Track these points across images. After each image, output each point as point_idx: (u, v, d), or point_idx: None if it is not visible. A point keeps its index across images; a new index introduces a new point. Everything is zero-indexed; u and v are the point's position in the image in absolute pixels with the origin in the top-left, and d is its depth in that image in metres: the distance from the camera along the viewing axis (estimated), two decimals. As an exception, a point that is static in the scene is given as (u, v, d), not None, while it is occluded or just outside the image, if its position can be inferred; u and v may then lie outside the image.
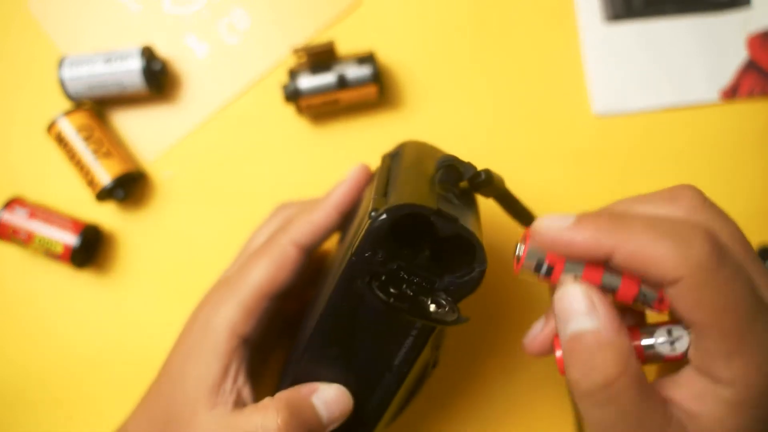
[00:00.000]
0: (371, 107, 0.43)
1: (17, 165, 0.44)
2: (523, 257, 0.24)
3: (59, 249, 0.40)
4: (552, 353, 0.27)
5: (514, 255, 0.25)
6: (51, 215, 0.41)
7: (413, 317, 0.26)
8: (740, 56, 0.42)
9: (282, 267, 0.30)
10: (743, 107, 0.42)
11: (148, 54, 0.41)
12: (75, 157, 0.41)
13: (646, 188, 0.26)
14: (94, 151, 0.41)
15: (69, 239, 0.40)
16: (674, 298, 0.21)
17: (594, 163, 0.43)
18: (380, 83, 0.40)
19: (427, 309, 0.26)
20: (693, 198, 0.24)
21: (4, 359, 0.43)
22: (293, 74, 0.40)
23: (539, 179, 0.42)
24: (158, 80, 0.42)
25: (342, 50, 0.42)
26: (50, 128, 0.41)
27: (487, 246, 0.26)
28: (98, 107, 0.43)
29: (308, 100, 0.40)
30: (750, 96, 0.42)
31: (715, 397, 0.21)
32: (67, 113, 0.41)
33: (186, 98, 0.44)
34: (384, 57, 0.43)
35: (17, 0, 0.44)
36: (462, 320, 0.26)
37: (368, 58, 0.40)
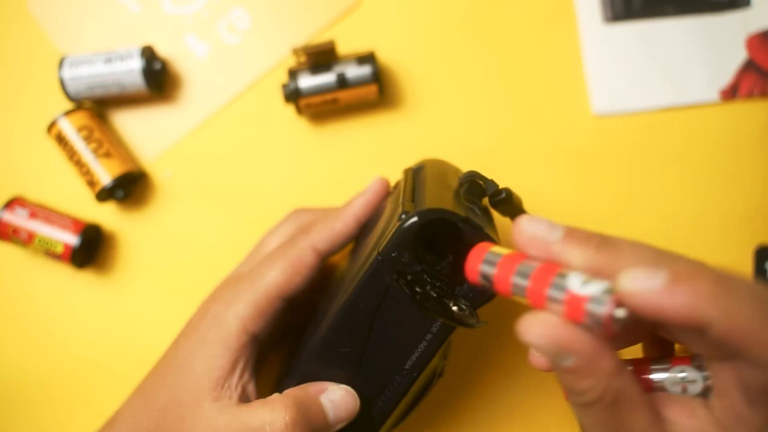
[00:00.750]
0: (371, 107, 0.43)
1: (17, 165, 0.44)
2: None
3: (60, 249, 0.40)
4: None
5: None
6: (51, 215, 0.41)
7: (437, 315, 0.27)
8: (740, 56, 0.42)
9: (298, 270, 0.30)
10: (743, 107, 0.42)
11: (148, 54, 0.42)
12: (75, 157, 0.41)
13: (646, 188, 0.27)
14: (94, 151, 0.41)
15: (69, 239, 0.40)
16: (713, 336, 0.19)
17: (594, 163, 0.43)
18: (380, 83, 0.40)
19: (450, 309, 0.26)
20: (706, 286, 0.20)
21: (4, 359, 0.43)
22: (293, 74, 0.40)
23: (539, 179, 0.42)
24: (158, 80, 0.42)
25: (342, 50, 0.42)
26: (50, 128, 0.41)
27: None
28: (98, 107, 0.43)
29: (308, 100, 0.40)
30: (749, 96, 0.42)
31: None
32: (68, 113, 0.41)
33: (186, 98, 0.44)
34: (384, 57, 0.43)
35: (17, 0, 0.44)
36: (481, 323, 0.27)
37: (368, 58, 0.40)
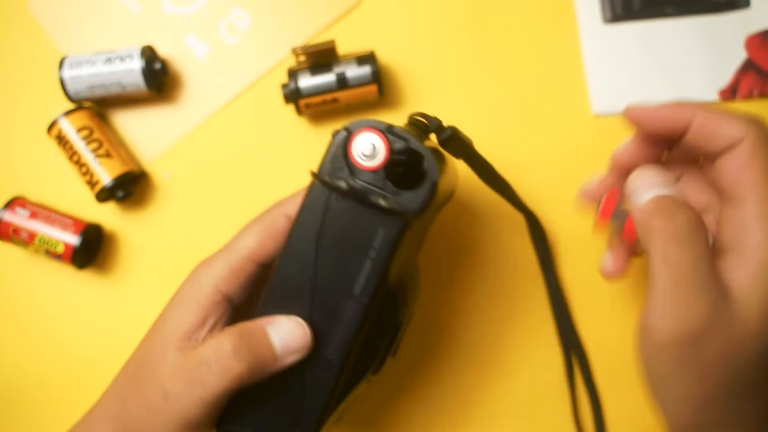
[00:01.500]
0: (371, 107, 0.43)
1: (18, 165, 0.44)
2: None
3: (60, 249, 0.40)
4: (598, 204, 0.32)
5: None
6: (52, 215, 0.41)
7: (372, 205, 0.28)
8: (739, 57, 0.42)
9: (270, 234, 0.31)
10: (742, 107, 0.42)
11: (149, 54, 0.42)
12: (75, 157, 0.41)
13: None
14: (94, 151, 0.41)
15: (70, 239, 0.40)
16: (726, 164, 0.26)
17: (593, 163, 0.43)
18: (380, 83, 0.40)
19: (380, 202, 0.27)
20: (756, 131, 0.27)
21: (4, 359, 0.43)
22: (293, 74, 0.40)
23: (539, 179, 0.42)
24: (158, 80, 0.42)
25: (342, 50, 0.42)
26: (51, 128, 0.41)
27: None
28: (98, 107, 0.43)
29: (308, 100, 0.40)
30: (749, 96, 0.42)
31: (747, 265, 0.25)
32: (68, 113, 0.41)
33: (186, 98, 0.44)
34: (384, 57, 0.43)
35: (17, 0, 0.44)
36: (414, 217, 0.28)
37: (368, 58, 0.40)
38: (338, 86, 0.40)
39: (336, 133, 0.28)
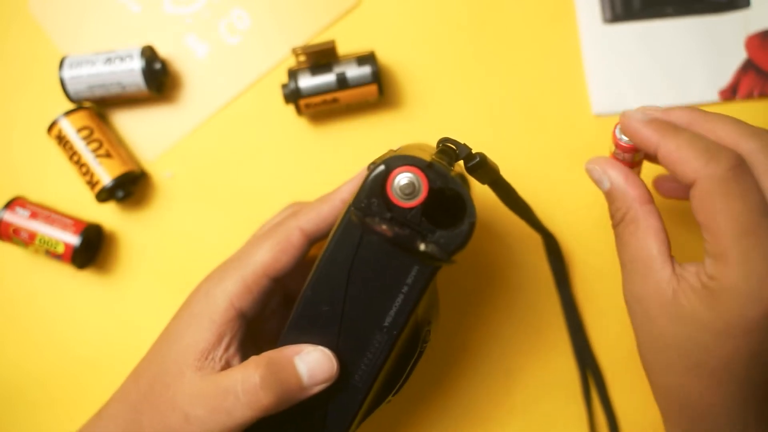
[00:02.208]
0: (371, 107, 0.43)
1: (18, 165, 0.44)
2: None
3: (60, 249, 0.40)
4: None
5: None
6: (52, 215, 0.41)
7: (409, 252, 0.27)
8: (739, 57, 0.42)
9: (285, 249, 0.31)
10: (742, 107, 0.42)
11: (149, 54, 0.42)
12: (75, 157, 0.41)
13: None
14: (94, 151, 0.41)
15: (70, 239, 0.40)
16: (691, 199, 0.26)
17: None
18: (380, 83, 0.40)
19: (422, 247, 0.27)
20: None
21: (4, 359, 0.43)
22: (293, 74, 0.40)
23: (539, 179, 0.42)
24: (158, 80, 0.42)
25: (342, 50, 0.42)
26: (51, 128, 0.41)
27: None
28: (99, 107, 0.43)
29: (308, 100, 0.40)
30: (749, 96, 0.42)
31: (701, 278, 0.26)
32: (68, 113, 0.41)
33: (186, 98, 0.44)
34: (384, 57, 0.43)
35: (17, 0, 0.44)
36: (452, 261, 0.27)
37: (368, 58, 0.40)
38: (338, 86, 0.40)
39: (373, 167, 0.27)
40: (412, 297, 0.28)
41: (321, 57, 0.40)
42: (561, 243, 0.41)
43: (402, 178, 0.27)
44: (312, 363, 0.29)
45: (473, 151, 0.30)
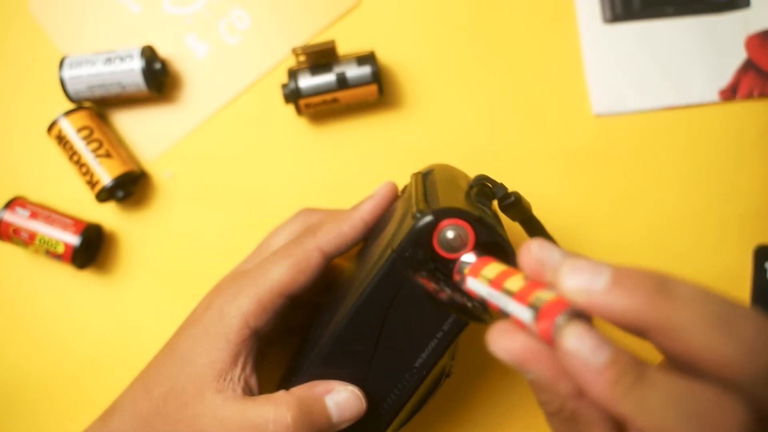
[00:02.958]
0: (371, 107, 0.43)
1: (18, 165, 0.44)
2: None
3: (60, 249, 0.40)
4: None
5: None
6: (52, 215, 0.41)
7: (451, 309, 0.27)
8: (739, 56, 0.42)
9: (303, 270, 0.31)
10: (742, 107, 0.42)
11: (149, 54, 0.42)
12: (75, 157, 0.41)
13: (646, 188, 0.27)
14: (94, 151, 0.41)
15: (70, 239, 0.40)
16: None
17: (594, 163, 0.43)
18: (380, 83, 0.40)
19: (464, 304, 0.27)
20: None
21: (4, 359, 0.43)
22: (293, 74, 0.40)
23: (539, 179, 0.42)
24: (158, 80, 0.42)
25: (342, 50, 0.42)
26: (51, 128, 0.41)
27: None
28: (99, 107, 0.43)
29: (308, 100, 0.40)
30: (749, 96, 0.42)
31: None
32: (68, 113, 0.41)
33: (186, 98, 0.44)
34: (384, 57, 0.43)
35: (17, 0, 0.44)
36: (494, 318, 0.26)
37: (368, 58, 0.40)
38: (338, 86, 0.40)
39: (420, 216, 0.26)
40: (446, 342, 0.28)
41: (321, 57, 0.40)
42: (561, 242, 0.41)
43: (449, 231, 0.27)
44: (342, 402, 0.29)
45: (509, 191, 0.30)
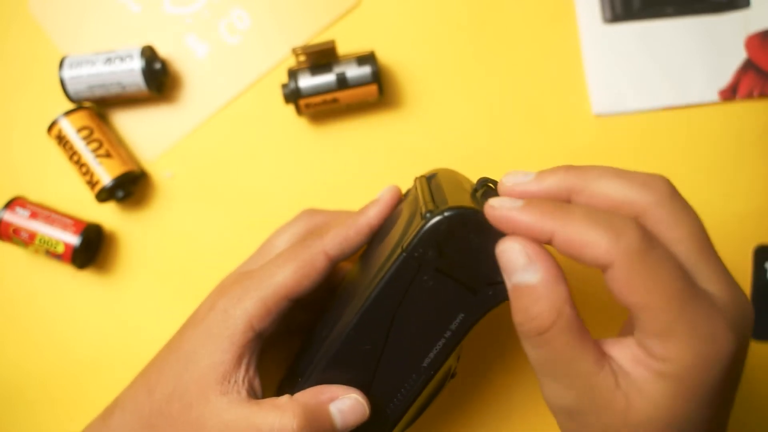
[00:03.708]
0: (371, 107, 0.43)
1: (18, 165, 0.44)
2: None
3: (60, 249, 0.40)
4: None
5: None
6: (52, 215, 0.41)
7: (461, 308, 0.27)
8: (739, 56, 0.42)
9: (309, 274, 0.31)
10: (742, 107, 0.42)
11: (149, 54, 0.42)
12: (75, 157, 0.41)
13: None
14: (94, 151, 0.41)
15: (70, 239, 0.40)
16: (609, 282, 0.23)
17: (593, 163, 0.43)
18: (380, 83, 0.40)
19: (474, 302, 0.27)
20: (664, 187, 0.25)
21: (4, 359, 0.43)
22: (293, 74, 0.40)
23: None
24: (158, 80, 0.42)
25: (342, 50, 0.42)
26: (51, 128, 0.41)
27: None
28: (98, 107, 0.43)
29: (308, 100, 0.40)
30: (749, 96, 0.42)
31: (648, 366, 0.23)
32: (68, 113, 0.41)
33: (186, 98, 0.44)
34: (384, 57, 0.43)
35: (17, 0, 0.44)
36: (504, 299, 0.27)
37: (368, 58, 0.40)
38: (338, 86, 0.40)
39: (430, 216, 0.27)
40: (454, 341, 0.28)
41: (321, 57, 0.40)
42: None
43: None
44: (346, 409, 0.29)
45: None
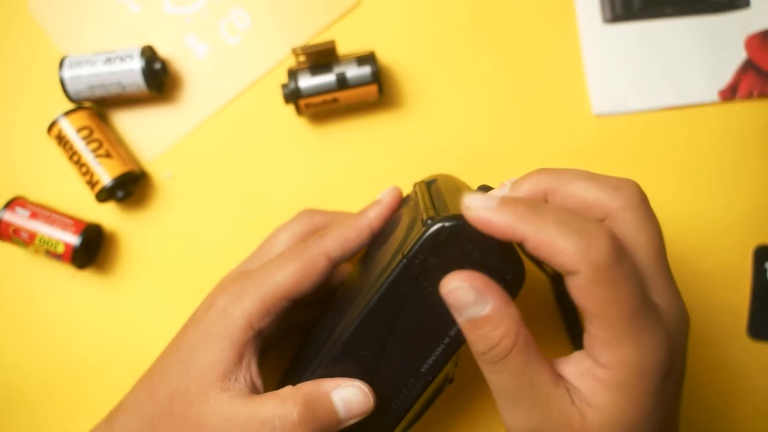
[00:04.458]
0: (371, 107, 0.43)
1: (18, 165, 0.44)
2: None
3: (60, 249, 0.40)
4: None
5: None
6: (52, 215, 0.41)
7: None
8: (739, 56, 0.42)
9: (309, 274, 0.31)
10: (742, 107, 0.42)
11: (149, 54, 0.42)
12: (75, 157, 0.41)
13: (646, 188, 0.27)
14: (94, 151, 0.41)
15: (70, 239, 0.40)
16: (570, 285, 0.24)
17: (593, 164, 0.43)
18: (380, 83, 0.40)
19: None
20: (634, 192, 0.26)
21: (4, 359, 0.43)
22: (293, 74, 0.40)
23: (539, 179, 0.42)
24: (158, 80, 0.42)
25: (342, 50, 0.42)
26: (51, 128, 0.41)
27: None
28: (98, 107, 0.43)
29: (308, 100, 0.40)
30: (749, 96, 0.42)
31: (595, 377, 0.24)
32: (68, 113, 0.41)
33: (186, 98, 0.44)
34: (384, 57, 0.43)
35: (17, 0, 0.44)
36: None
37: (368, 58, 0.40)
38: (338, 86, 0.40)
39: (431, 223, 0.26)
40: (452, 348, 0.28)
41: (321, 57, 0.40)
42: None
43: None
44: (348, 398, 0.29)
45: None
